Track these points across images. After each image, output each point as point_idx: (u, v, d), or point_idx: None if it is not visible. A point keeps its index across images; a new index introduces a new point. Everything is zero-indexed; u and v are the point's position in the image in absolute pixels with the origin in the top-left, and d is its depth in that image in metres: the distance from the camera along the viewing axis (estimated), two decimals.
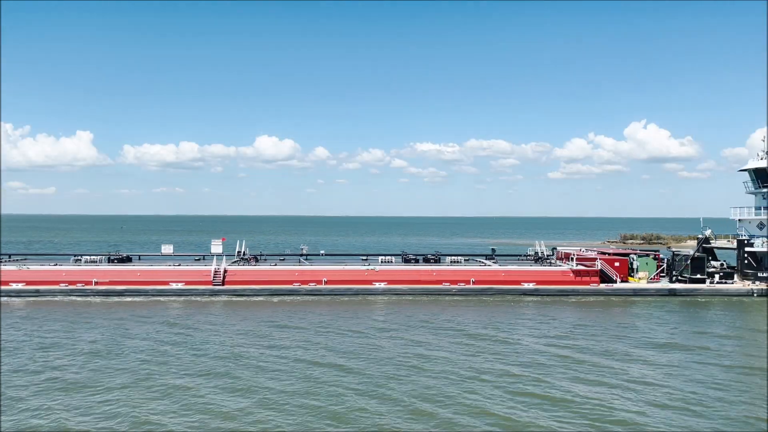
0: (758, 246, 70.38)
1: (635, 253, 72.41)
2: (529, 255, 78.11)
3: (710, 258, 75.88)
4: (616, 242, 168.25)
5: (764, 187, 73.31)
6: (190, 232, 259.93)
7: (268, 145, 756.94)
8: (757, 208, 74.14)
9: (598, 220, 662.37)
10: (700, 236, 76.84)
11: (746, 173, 76.49)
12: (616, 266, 67.85)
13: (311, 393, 29.32)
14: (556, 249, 79.88)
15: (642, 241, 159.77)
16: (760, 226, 74.02)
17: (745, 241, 70.72)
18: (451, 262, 71.87)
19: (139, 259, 73.97)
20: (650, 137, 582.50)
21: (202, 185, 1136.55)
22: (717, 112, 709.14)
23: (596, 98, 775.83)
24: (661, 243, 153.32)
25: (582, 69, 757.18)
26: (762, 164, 73.03)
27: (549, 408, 27.67)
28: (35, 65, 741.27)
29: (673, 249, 76.57)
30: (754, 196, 76.16)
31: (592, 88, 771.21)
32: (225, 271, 63.66)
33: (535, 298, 62.90)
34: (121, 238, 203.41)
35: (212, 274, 62.78)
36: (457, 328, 46.04)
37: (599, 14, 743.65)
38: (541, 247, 77.42)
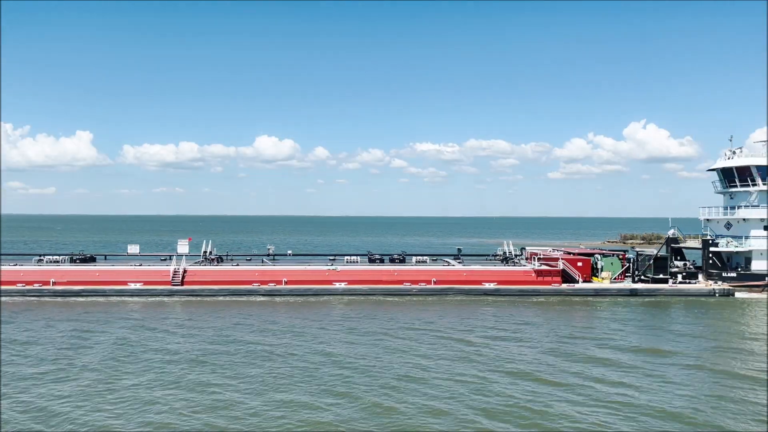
0: (722, 246, 70.22)
1: (600, 253, 72.26)
2: (498, 255, 77.98)
3: (678, 258, 75.78)
4: (616, 242, 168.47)
5: (731, 186, 73.19)
6: (190, 233, 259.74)
7: (267, 145, 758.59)
8: (725, 208, 74.02)
9: (598, 220, 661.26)
10: (668, 236, 76.77)
11: (715, 173, 76.43)
12: (579, 266, 67.69)
13: (258, 393, 29.31)
14: (524, 249, 79.73)
15: (642, 241, 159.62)
16: (727, 226, 73.89)
17: (710, 241, 70.55)
18: (416, 262, 71.80)
19: (105, 258, 74.04)
20: (650, 137, 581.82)
21: (202, 185, 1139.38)
22: (716, 112, 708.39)
23: (595, 98, 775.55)
24: (661, 243, 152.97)
25: (581, 69, 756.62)
26: (728, 164, 72.91)
27: (496, 407, 27.58)
28: (35, 65, 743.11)
29: (637, 249, 76.30)
30: (722, 196, 76.06)
31: (591, 88, 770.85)
32: (185, 272, 63.65)
33: (495, 298, 62.80)
34: (119, 238, 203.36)
35: (171, 275, 62.78)
36: (409, 327, 45.92)
37: (599, 14, 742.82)
38: (510, 247, 77.26)
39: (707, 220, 77.09)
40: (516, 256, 76.47)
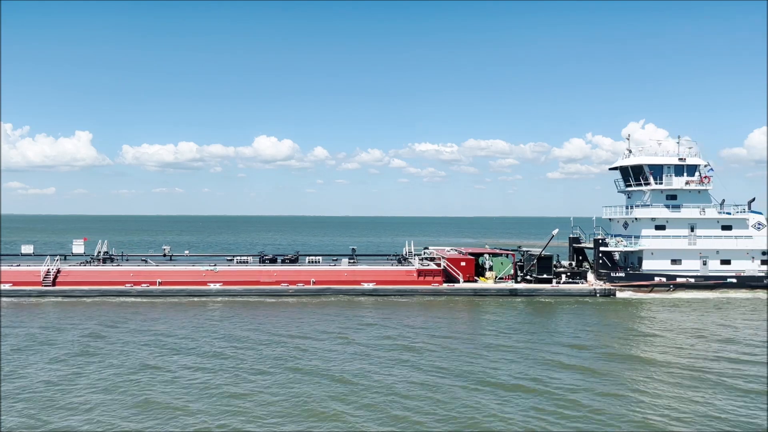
0: (612, 245, 69.50)
1: (490, 253, 71.56)
2: (397, 254, 77.24)
3: (581, 258, 75.16)
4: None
5: (628, 186, 72.52)
6: (190, 233, 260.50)
7: (266, 145, 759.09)
8: (625, 208, 73.31)
9: (599, 221, 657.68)
10: (570, 236, 76.03)
11: (617, 172, 75.65)
12: (462, 266, 67.04)
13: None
14: (427, 248, 79.02)
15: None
16: (625, 225, 73.25)
17: (600, 241, 69.81)
18: (308, 262, 71.26)
19: None
20: (649, 137, 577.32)
21: (201, 185, 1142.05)
22: (715, 112, 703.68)
23: (594, 98, 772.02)
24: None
25: (580, 69, 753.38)
26: (624, 163, 72.22)
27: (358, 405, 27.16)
28: (34, 65, 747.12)
29: (524, 248, 75.53)
30: (624, 195, 75.34)
31: (590, 88, 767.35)
32: (58, 272, 63.40)
33: (373, 299, 62.27)
34: (119, 238, 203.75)
35: (42, 275, 62.51)
36: (257, 330, 45.60)
37: (598, 14, 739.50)
38: (410, 247, 76.54)
39: (609, 219, 76.50)
40: (415, 255, 75.65)
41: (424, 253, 77.29)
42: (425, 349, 39.88)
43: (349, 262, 70.65)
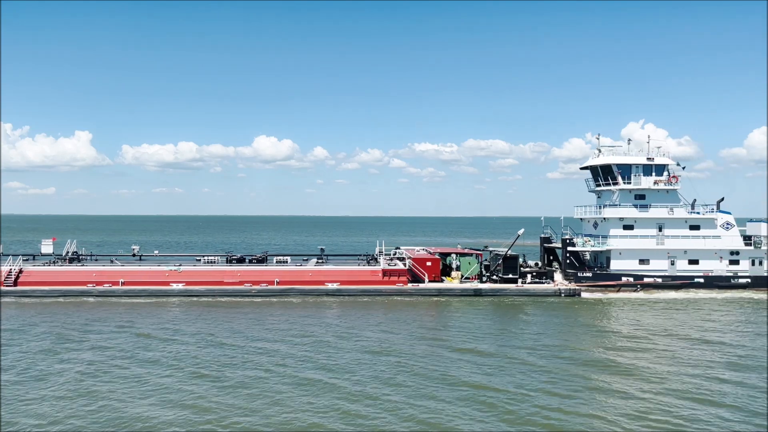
0: (579, 245, 69.18)
1: (458, 252, 71.20)
2: (368, 254, 76.87)
3: (552, 258, 74.86)
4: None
5: (598, 186, 72.18)
6: (189, 233, 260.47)
7: (266, 145, 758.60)
8: (596, 207, 72.95)
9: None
10: (542, 236, 75.70)
11: (587, 171, 75.29)
12: (428, 266, 66.75)
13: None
14: (398, 248, 78.65)
15: None
16: (595, 225, 72.90)
17: (568, 240, 69.45)
18: (276, 262, 70.94)
19: None
20: (648, 137, 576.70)
21: (201, 185, 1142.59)
22: (715, 112, 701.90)
23: (594, 98, 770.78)
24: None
25: (580, 68, 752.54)
26: (594, 163, 71.90)
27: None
28: (34, 65, 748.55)
29: (490, 248, 75.20)
30: (595, 195, 75.01)
31: (589, 88, 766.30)
32: (20, 272, 63.23)
33: (337, 299, 62.02)
34: (118, 238, 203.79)
35: (4, 275, 62.30)
36: (200, 332, 45.39)
37: (597, 14, 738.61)
38: (381, 246, 76.15)
39: (581, 219, 76.13)
40: (386, 255, 75.23)
41: (396, 252, 76.97)
42: (343, 350, 39.64)
43: (317, 262, 70.43)
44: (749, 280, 66.79)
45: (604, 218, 69.55)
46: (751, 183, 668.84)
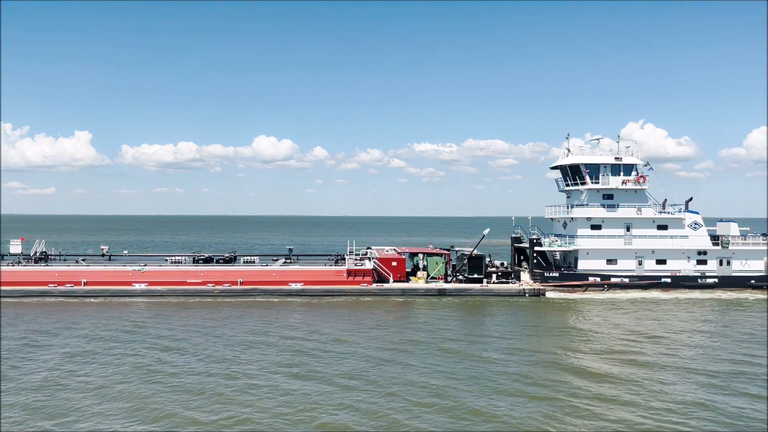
0: (546, 245, 68.85)
1: (425, 252, 70.85)
2: (338, 254, 76.48)
3: (522, 258, 74.58)
4: None
5: (567, 186, 71.87)
6: (189, 233, 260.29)
7: (266, 145, 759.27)
8: (566, 207, 72.61)
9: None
10: (512, 236, 75.40)
11: (557, 171, 74.94)
12: (393, 266, 66.50)
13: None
14: (370, 248, 78.34)
15: None
16: (564, 225, 72.57)
17: (535, 240, 69.10)
18: (243, 262, 70.68)
19: None
20: (648, 137, 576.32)
21: (201, 185, 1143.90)
22: (715, 111, 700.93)
23: (593, 98, 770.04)
24: None
25: (579, 68, 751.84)
26: (563, 162, 71.61)
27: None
28: (34, 65, 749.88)
29: (456, 248, 74.87)
30: (565, 194, 74.67)
31: (589, 88, 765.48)
32: None
33: (300, 299, 61.77)
34: (117, 238, 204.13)
35: None
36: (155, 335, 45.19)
37: (597, 14, 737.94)
38: (352, 246, 75.81)
39: (552, 219, 75.79)
40: (354, 255, 74.79)
41: (367, 252, 76.64)
42: (309, 353, 39.41)
43: (285, 262, 70.14)
44: (716, 280, 66.43)
45: (572, 218, 69.23)
46: (751, 183, 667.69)
